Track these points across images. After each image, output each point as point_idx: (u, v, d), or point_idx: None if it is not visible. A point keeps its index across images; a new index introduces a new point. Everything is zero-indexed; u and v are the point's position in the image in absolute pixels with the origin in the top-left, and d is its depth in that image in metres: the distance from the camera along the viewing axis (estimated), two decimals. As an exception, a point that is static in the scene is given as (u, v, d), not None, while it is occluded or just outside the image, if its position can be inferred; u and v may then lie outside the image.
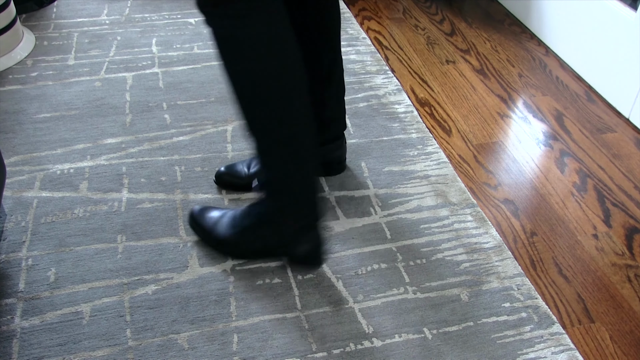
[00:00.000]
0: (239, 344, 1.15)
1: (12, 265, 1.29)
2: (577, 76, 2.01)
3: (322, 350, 1.15)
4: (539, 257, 1.37)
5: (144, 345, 1.14)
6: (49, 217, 1.41)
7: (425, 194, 1.50)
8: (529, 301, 1.25)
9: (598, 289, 1.30)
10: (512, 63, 2.07)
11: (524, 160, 1.64)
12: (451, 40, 2.20)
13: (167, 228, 1.39)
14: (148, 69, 1.94)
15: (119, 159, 1.58)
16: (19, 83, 1.86)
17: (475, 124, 1.77)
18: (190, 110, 1.76)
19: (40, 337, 1.15)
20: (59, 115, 1.73)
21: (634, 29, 1.76)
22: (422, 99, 1.87)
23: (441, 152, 1.64)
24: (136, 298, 1.23)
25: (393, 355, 1.14)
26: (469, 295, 1.26)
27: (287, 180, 1.16)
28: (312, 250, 1.23)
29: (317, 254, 1.24)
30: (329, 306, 1.23)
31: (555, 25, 2.11)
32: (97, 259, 1.31)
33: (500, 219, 1.46)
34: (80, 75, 1.91)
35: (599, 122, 1.80)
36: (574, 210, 1.49)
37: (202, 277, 1.28)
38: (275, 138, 1.10)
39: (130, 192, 1.48)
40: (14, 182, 1.50)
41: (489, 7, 2.43)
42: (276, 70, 1.03)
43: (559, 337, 1.19)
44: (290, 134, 1.09)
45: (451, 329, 1.19)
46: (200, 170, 1.55)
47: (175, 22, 2.22)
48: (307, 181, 1.16)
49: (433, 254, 1.35)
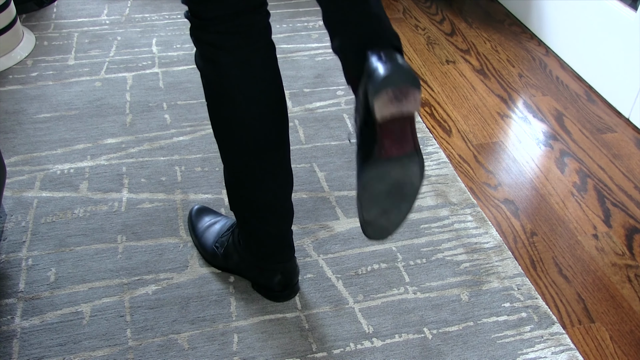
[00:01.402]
0: (239, 344, 1.15)
1: (12, 265, 1.29)
2: (577, 76, 2.01)
3: (322, 350, 1.15)
4: (539, 257, 1.37)
5: (144, 345, 1.14)
6: (49, 217, 1.41)
7: (426, 194, 1.50)
8: (529, 301, 1.25)
9: (598, 289, 1.30)
10: (512, 63, 2.07)
11: (524, 160, 1.64)
12: (451, 41, 2.20)
13: (167, 228, 1.39)
14: (148, 69, 1.94)
15: (119, 159, 1.58)
16: (19, 83, 1.86)
17: (476, 124, 1.77)
18: (190, 110, 1.76)
19: (41, 337, 1.15)
20: (59, 115, 1.73)
21: (634, 29, 1.76)
22: (422, 99, 1.87)
23: (441, 152, 1.64)
24: (136, 298, 1.23)
25: (393, 355, 1.14)
26: (469, 295, 1.26)
27: (243, 219, 1.15)
28: (283, 281, 1.20)
29: (288, 286, 1.21)
30: (329, 306, 1.23)
31: (555, 26, 2.11)
32: (97, 259, 1.31)
33: (500, 219, 1.46)
34: (80, 75, 1.91)
35: (599, 122, 1.80)
36: (574, 210, 1.49)
37: (202, 277, 1.28)
38: (230, 167, 1.09)
39: (131, 192, 1.48)
40: (14, 182, 1.50)
41: (489, 7, 2.43)
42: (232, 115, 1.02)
43: (559, 337, 1.19)
44: (240, 172, 1.08)
45: (451, 329, 1.19)
46: (200, 171, 1.55)
47: (176, 22, 2.22)
48: (264, 225, 1.14)
49: (433, 254, 1.35)
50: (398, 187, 0.90)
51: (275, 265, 1.18)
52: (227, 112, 1.01)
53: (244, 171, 1.07)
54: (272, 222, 1.13)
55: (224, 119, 1.02)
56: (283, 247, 1.17)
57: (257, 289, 1.24)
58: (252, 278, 1.23)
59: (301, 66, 1.97)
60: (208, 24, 0.94)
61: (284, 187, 1.10)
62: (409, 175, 0.89)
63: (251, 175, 1.07)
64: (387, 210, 0.93)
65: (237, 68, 0.97)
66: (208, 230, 1.31)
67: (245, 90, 0.99)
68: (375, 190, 0.90)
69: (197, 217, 1.34)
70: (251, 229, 1.14)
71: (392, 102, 0.81)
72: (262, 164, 1.05)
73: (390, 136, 0.85)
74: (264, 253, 1.17)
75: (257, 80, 0.99)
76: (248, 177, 1.07)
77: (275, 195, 1.10)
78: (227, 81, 0.98)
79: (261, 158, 1.05)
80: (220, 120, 1.03)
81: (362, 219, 0.93)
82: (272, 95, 1.02)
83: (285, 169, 1.09)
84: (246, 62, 0.97)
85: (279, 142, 1.06)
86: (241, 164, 1.06)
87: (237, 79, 0.98)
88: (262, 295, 1.23)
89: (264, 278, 1.20)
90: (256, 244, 1.16)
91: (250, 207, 1.11)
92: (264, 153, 1.04)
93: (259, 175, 1.06)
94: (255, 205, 1.10)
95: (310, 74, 1.94)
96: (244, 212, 1.13)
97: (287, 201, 1.12)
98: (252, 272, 1.22)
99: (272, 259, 1.17)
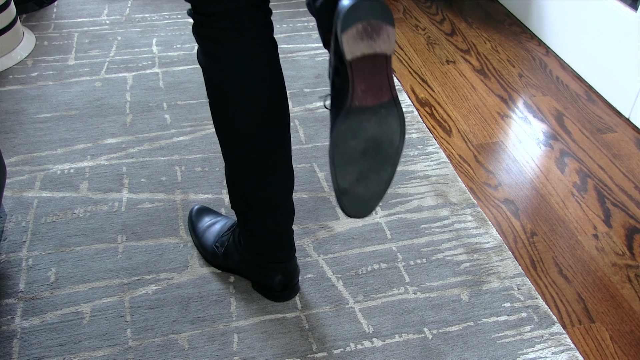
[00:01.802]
0: (239, 344, 1.15)
1: (12, 265, 1.29)
2: (577, 76, 2.01)
3: (322, 350, 1.15)
4: (539, 257, 1.37)
5: (144, 346, 1.14)
6: (49, 217, 1.41)
7: (426, 194, 1.51)
8: (529, 301, 1.25)
9: (598, 289, 1.30)
10: (512, 63, 2.07)
11: (524, 160, 1.64)
12: (451, 41, 2.20)
13: (167, 228, 1.39)
14: (148, 69, 1.94)
15: (119, 159, 1.58)
16: (19, 83, 1.86)
17: (476, 124, 1.77)
18: (190, 110, 1.76)
19: (41, 337, 1.15)
20: (59, 116, 1.73)
21: (634, 29, 1.76)
22: (422, 99, 1.87)
23: (441, 152, 1.64)
24: (136, 298, 1.23)
25: (393, 355, 1.14)
26: (469, 295, 1.26)
27: (244, 217, 1.14)
28: (284, 281, 1.20)
29: (288, 286, 1.21)
30: (329, 306, 1.23)
31: (556, 26, 2.11)
32: (98, 259, 1.31)
33: (500, 219, 1.46)
34: (80, 75, 1.91)
35: (599, 122, 1.80)
36: (574, 210, 1.49)
37: (202, 277, 1.28)
38: (231, 164, 1.08)
39: (131, 192, 1.48)
40: (14, 182, 1.50)
41: (489, 7, 2.43)
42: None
43: (559, 337, 1.19)
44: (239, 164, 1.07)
45: (451, 329, 1.19)
46: (200, 171, 1.55)
47: (176, 22, 2.22)
48: (264, 223, 1.13)
49: (433, 254, 1.35)
50: (375, 145, 0.83)
51: (276, 265, 1.18)
52: (228, 108, 1.01)
53: (244, 168, 1.06)
54: (272, 220, 1.12)
55: (225, 115, 1.02)
56: (283, 246, 1.17)
57: (257, 289, 1.24)
58: (252, 278, 1.23)
59: (301, 66, 1.97)
60: (209, 20, 0.94)
61: (284, 184, 1.10)
62: (387, 130, 0.82)
63: (252, 172, 1.06)
64: (364, 174, 0.85)
65: (237, 64, 0.97)
66: (208, 230, 1.31)
67: (246, 86, 0.98)
68: (349, 148, 0.82)
69: (197, 217, 1.34)
70: (252, 227, 1.14)
71: (362, 38, 0.75)
72: (263, 161, 1.05)
73: (363, 81, 0.78)
74: (264, 252, 1.17)
75: (257, 77, 0.98)
76: (249, 174, 1.06)
77: (276, 193, 1.09)
78: (227, 77, 0.97)
79: (262, 155, 1.04)
80: (221, 116, 1.03)
81: (336, 186, 0.85)
82: (273, 92, 1.01)
83: (286, 166, 1.09)
84: (247, 58, 0.97)
85: (280, 140, 1.05)
86: (242, 161, 1.06)
87: (238, 75, 0.97)
88: (262, 295, 1.23)
89: (264, 277, 1.20)
90: (257, 242, 1.16)
91: (251, 205, 1.11)
92: (265, 150, 1.04)
93: (259, 172, 1.06)
94: (256, 202, 1.10)
95: (311, 74, 1.94)
96: (244, 210, 1.13)
97: (288, 199, 1.12)
98: (252, 271, 1.21)
99: (272, 258, 1.17)
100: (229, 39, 0.95)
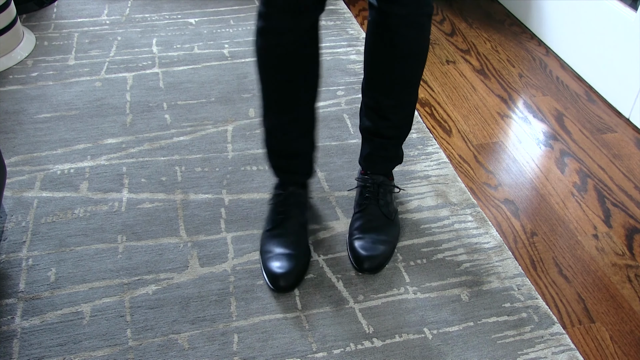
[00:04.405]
0: (239, 344, 1.15)
1: (12, 265, 1.29)
2: (577, 76, 2.01)
3: (322, 350, 1.15)
4: (539, 257, 1.37)
5: (144, 345, 1.14)
6: (49, 217, 1.41)
7: (426, 194, 1.51)
8: (529, 301, 1.25)
9: (598, 289, 1.30)
10: (512, 63, 2.07)
11: (524, 160, 1.64)
12: (451, 41, 2.20)
13: (167, 228, 1.39)
14: (148, 69, 1.94)
15: (119, 159, 1.58)
16: (19, 83, 1.86)
17: (476, 124, 1.77)
18: (190, 110, 1.76)
19: (41, 337, 1.15)
20: (59, 116, 1.73)
21: (634, 29, 1.76)
22: (422, 99, 1.87)
23: (441, 152, 1.64)
24: (136, 298, 1.23)
25: (393, 355, 1.14)
26: (469, 296, 1.26)
27: (269, 133, 1.28)
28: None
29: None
30: (329, 306, 1.23)
31: (556, 26, 2.11)
32: (98, 259, 1.31)
33: (500, 219, 1.46)
34: (80, 75, 1.91)
35: (599, 122, 1.80)
36: (574, 211, 1.49)
37: (202, 277, 1.28)
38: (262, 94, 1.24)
39: (131, 192, 1.48)
40: (15, 182, 1.50)
41: (490, 7, 2.43)
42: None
43: (559, 337, 1.19)
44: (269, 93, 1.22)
45: (451, 329, 1.19)
46: (200, 171, 1.55)
47: (176, 22, 2.22)
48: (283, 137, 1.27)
49: (433, 254, 1.35)
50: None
51: (289, 185, 1.32)
52: (278, 69, 1.16)
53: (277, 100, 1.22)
54: (295, 132, 1.25)
55: (273, 74, 1.18)
56: (300, 163, 1.31)
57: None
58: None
59: (301, 66, 1.97)
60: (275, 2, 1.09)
61: (309, 102, 1.24)
62: None
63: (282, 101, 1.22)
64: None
65: (293, 35, 1.13)
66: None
67: (295, 57, 1.16)
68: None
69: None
70: (273, 140, 1.28)
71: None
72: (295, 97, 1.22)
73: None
74: (281, 166, 1.31)
75: (305, 49, 1.17)
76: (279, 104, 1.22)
77: (301, 108, 1.24)
78: (281, 48, 1.13)
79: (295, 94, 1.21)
80: (269, 72, 1.18)
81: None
82: (316, 64, 1.22)
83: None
84: (300, 31, 1.14)
85: (312, 93, 1.23)
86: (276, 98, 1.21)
87: (292, 45, 1.14)
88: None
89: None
90: (275, 155, 1.30)
91: (279, 122, 1.24)
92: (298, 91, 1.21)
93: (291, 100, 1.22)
94: (283, 118, 1.23)
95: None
96: (271, 128, 1.26)
97: (312, 113, 1.26)
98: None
99: (288, 174, 1.32)
100: (288, 16, 1.12)
